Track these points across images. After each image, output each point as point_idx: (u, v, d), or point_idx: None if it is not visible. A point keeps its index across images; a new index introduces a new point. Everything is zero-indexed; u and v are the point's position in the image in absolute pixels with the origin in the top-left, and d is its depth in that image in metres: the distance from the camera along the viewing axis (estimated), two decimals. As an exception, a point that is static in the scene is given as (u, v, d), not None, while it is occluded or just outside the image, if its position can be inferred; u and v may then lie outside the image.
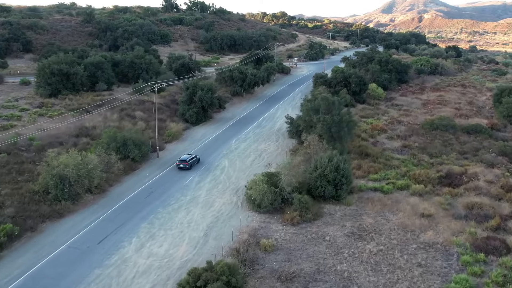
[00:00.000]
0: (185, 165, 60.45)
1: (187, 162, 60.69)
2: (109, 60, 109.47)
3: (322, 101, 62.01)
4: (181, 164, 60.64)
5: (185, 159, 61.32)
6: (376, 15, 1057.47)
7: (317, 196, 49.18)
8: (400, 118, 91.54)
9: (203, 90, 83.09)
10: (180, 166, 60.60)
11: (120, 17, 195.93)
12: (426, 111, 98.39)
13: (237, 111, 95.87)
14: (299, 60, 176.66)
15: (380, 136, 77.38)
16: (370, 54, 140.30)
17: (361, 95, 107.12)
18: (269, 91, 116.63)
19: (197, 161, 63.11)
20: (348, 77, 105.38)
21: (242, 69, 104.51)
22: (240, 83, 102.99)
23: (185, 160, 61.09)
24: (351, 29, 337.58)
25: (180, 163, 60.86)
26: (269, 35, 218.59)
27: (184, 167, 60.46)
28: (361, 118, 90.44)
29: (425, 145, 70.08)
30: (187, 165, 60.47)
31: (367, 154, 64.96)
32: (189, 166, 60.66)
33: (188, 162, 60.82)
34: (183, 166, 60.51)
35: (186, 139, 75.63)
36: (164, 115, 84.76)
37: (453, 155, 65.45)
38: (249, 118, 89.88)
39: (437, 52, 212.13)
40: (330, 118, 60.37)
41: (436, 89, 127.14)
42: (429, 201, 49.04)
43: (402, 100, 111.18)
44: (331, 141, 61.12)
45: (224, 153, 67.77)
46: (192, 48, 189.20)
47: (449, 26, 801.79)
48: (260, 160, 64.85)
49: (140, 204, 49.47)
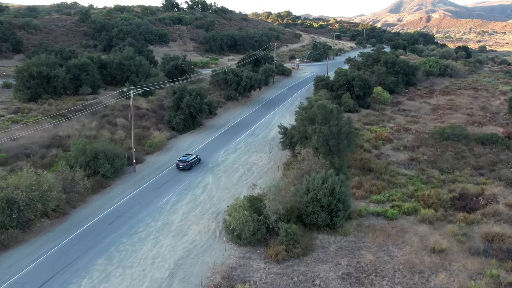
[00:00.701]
0: (185, 166, 59.07)
1: (187, 163, 59.28)
2: (96, 61, 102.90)
3: (318, 109, 54.66)
4: (181, 164, 59.30)
5: (185, 159, 59.86)
6: (383, 15, 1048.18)
7: (309, 224, 41.96)
8: (408, 125, 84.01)
9: (191, 95, 76.06)
10: (180, 167, 59.27)
11: (117, 17, 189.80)
12: (436, 118, 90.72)
13: (230, 117, 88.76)
14: (302, 61, 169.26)
15: (385, 146, 69.96)
16: (375, 55, 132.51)
17: (366, 99, 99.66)
18: (267, 95, 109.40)
19: (197, 161, 61.82)
20: (351, 80, 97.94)
21: (237, 71, 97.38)
22: (235, 86, 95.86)
23: (185, 161, 59.60)
24: (357, 29, 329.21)
25: (180, 163, 59.54)
26: (272, 35, 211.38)
27: (184, 168, 59.05)
28: (364, 125, 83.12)
29: (435, 158, 62.54)
30: (187, 165, 59.06)
31: (370, 169, 57.59)
32: (189, 166, 59.28)
33: (188, 162, 59.41)
34: (183, 167, 59.12)
35: (170, 149, 68.62)
36: (149, 122, 77.86)
37: (467, 171, 57.88)
38: (242, 125, 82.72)
39: (446, 53, 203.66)
40: (328, 129, 53.05)
41: (446, 93, 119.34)
42: (440, 231, 41.63)
43: (409, 105, 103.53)
44: (328, 155, 53.88)
45: (209, 167, 60.68)
46: (191, 48, 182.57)
47: (457, 26, 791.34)
48: (249, 175, 57.67)
49: (103, 232, 42.49)
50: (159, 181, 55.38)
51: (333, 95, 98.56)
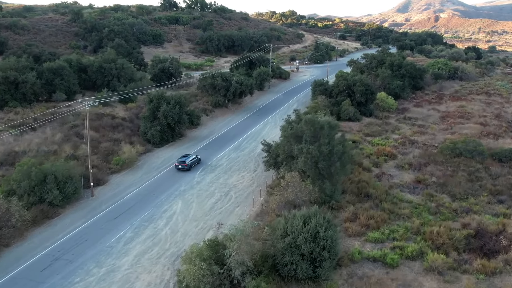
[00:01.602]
0: (184, 167, 58.15)
1: (185, 163, 58.25)
2: (75, 64, 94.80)
3: (306, 124, 45.90)
4: (180, 165, 58.37)
5: (184, 160, 58.75)
6: (391, 15, 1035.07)
7: (287, 276, 33.30)
8: (414, 136, 75.02)
9: (169, 103, 67.62)
10: (179, 167, 58.40)
11: (110, 16, 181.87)
12: (446, 127, 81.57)
13: (217, 126, 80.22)
14: (302, 63, 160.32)
15: (388, 164, 61.05)
16: (380, 57, 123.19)
17: (368, 106, 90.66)
18: (261, 101, 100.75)
19: (197, 162, 60.68)
20: (352, 85, 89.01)
21: (227, 75, 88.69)
22: (224, 92, 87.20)
23: (184, 161, 58.51)
24: (363, 29, 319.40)
25: (179, 163, 58.58)
26: (273, 35, 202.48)
27: (182, 168, 58.15)
28: (365, 137, 74.25)
29: (445, 180, 53.52)
30: (186, 166, 58.13)
31: (368, 195, 48.81)
32: (188, 167, 58.33)
33: (187, 163, 58.33)
34: (182, 167, 58.24)
35: (141, 167, 60.19)
36: (122, 134, 69.43)
37: (483, 197, 48.88)
38: (228, 136, 74.14)
39: (455, 54, 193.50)
40: (317, 149, 44.36)
41: (456, 98, 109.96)
42: (453, 285, 32.86)
43: (416, 112, 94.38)
44: (318, 180, 45.29)
45: (181, 190, 52.17)
46: (187, 49, 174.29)
47: (466, 25, 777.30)
48: (225, 201, 49.11)
49: (30, 282, 34.08)
50: (118, 209, 46.93)
51: (332, 102, 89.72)
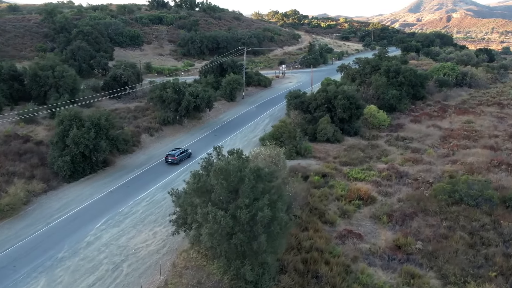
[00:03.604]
0: (173, 160, 57.59)
1: (175, 157, 57.79)
2: (6, 72, 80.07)
3: (217, 177, 30.03)
4: (169, 158, 57.93)
5: (174, 154, 58.28)
6: (402, 15, 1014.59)
7: None
8: (405, 166, 58.91)
9: (82, 126, 52.29)
10: (168, 161, 57.88)
11: (87, 16, 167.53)
12: (446, 153, 65.22)
13: (160, 150, 64.71)
14: (293, 67, 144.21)
15: (362, 211, 45.14)
16: (375, 62, 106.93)
17: (352, 123, 74.73)
18: (228, 115, 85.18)
19: (187, 156, 59.84)
20: (332, 98, 73.12)
21: (179, 86, 72.99)
22: (174, 106, 71.74)
23: (173, 155, 58.09)
24: (367, 29, 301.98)
25: (168, 157, 58.13)
26: (265, 36, 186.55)
27: (172, 162, 57.61)
28: (341, 166, 58.34)
29: (435, 247, 37.32)
30: (175, 160, 57.58)
31: (317, 275, 32.97)
32: (177, 161, 57.75)
33: (176, 157, 57.86)
34: (171, 161, 57.70)
35: (29, 214, 44.79)
36: (25, 164, 53.86)
37: (489, 286, 32.69)
38: (166, 165, 58.65)
39: (465, 56, 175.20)
40: (229, 216, 28.65)
41: (463, 111, 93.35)
42: None
43: (413, 130, 78.14)
44: (234, 260, 29.62)
45: (57, 258, 36.69)
46: (168, 51, 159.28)
47: (479, 26, 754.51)
48: (112, 280, 33.58)
49: None
50: None
51: (308, 119, 73.90)
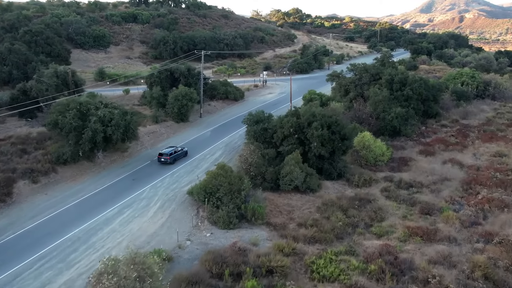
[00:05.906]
0: (166, 159, 53.17)
1: (168, 156, 53.41)
2: None
3: None
4: (162, 158, 53.42)
5: (168, 152, 53.83)
6: (413, 15, 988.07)
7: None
8: (408, 246, 35.91)
9: None
10: (161, 160, 53.38)
11: (49, 13, 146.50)
12: (474, 216, 42.10)
13: (37, 208, 42.41)
14: (279, 73, 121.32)
15: None
16: (375, 69, 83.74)
17: (335, 162, 51.84)
18: (171, 142, 62.63)
19: (183, 155, 55.67)
20: (306, 125, 50.35)
21: (86, 107, 50.53)
22: (75, 138, 49.30)
23: (167, 154, 53.62)
24: (374, 29, 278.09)
25: (161, 156, 53.65)
26: (255, 37, 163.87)
27: (165, 161, 53.14)
28: (307, 246, 35.55)
29: None
30: (168, 159, 53.16)
31: None
32: (171, 160, 53.23)
33: (169, 156, 53.50)
34: (164, 160, 53.22)
35: None
36: None
37: None
38: (34, 237, 36.31)
39: (484, 60, 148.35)
40: None
41: (490, 135, 70.03)
42: None
43: (422, 169, 54.99)
44: None
45: None
46: (137, 54, 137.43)
47: (493, 26, 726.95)
48: None
49: None
50: None
51: (271, 155, 50.94)
